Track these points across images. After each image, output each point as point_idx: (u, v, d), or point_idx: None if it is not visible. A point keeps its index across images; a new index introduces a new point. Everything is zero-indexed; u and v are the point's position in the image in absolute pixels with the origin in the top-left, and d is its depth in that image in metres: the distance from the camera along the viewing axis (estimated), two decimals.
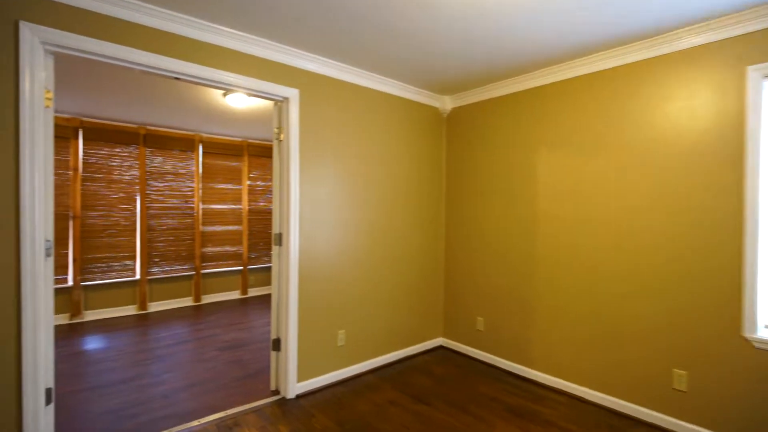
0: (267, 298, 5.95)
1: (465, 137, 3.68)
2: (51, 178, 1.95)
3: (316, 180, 2.88)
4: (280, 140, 2.80)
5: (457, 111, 3.77)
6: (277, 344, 2.83)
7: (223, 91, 4.06)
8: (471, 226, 3.61)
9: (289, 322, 2.73)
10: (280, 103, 2.78)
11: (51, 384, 1.96)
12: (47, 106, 1.91)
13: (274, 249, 2.84)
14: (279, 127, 2.80)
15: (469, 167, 3.63)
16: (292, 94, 2.71)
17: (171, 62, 2.19)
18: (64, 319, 4.53)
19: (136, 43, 2.08)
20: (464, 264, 3.68)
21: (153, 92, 4.04)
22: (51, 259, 1.97)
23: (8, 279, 1.75)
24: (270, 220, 6.25)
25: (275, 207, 2.84)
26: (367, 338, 3.25)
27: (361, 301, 3.19)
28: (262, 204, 6.16)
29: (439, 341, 3.84)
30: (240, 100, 4.18)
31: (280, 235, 2.82)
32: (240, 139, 5.90)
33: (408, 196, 3.53)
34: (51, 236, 1.96)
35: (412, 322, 3.60)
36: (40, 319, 1.84)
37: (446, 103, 3.79)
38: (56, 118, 4.45)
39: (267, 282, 6.26)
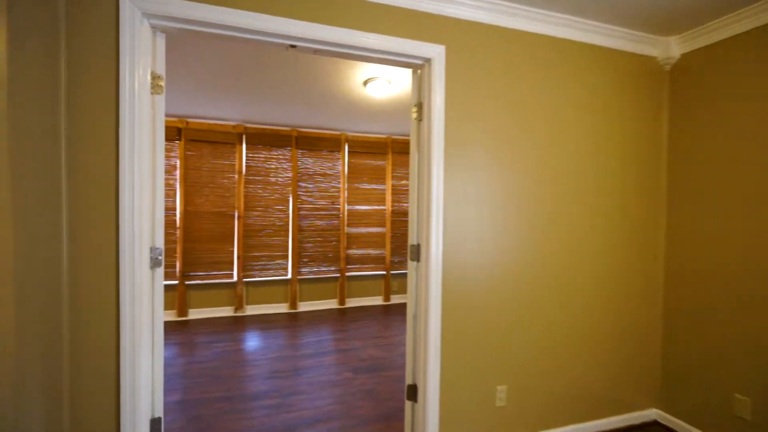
0: None
1: (708, 100, 2.29)
2: (161, 177, 1.68)
3: (466, 174, 2.07)
4: (420, 121, 2.10)
5: (691, 58, 2.39)
6: (412, 392, 2.13)
7: (363, 81, 3.64)
8: (721, 244, 2.21)
9: (428, 366, 2.01)
10: (420, 70, 2.07)
11: (159, 412, 1.71)
12: (156, 93, 1.64)
13: (410, 265, 2.16)
14: (418, 104, 2.10)
15: (718, 152, 2.23)
16: (436, 53, 1.96)
17: (282, 24, 1.71)
18: (229, 312, 4.92)
19: (238, 3, 1.67)
20: (702, 300, 2.29)
21: (302, 91, 3.92)
22: (160, 270, 1.71)
23: (106, 293, 1.52)
24: None
25: (412, 210, 2.16)
26: (539, 400, 2.26)
27: (529, 345, 2.23)
28: (406, 205, 5.68)
29: (650, 414, 2.53)
30: (380, 89, 3.69)
31: (417, 248, 2.12)
32: (384, 136, 5.55)
33: (601, 195, 2.37)
34: (161, 243, 1.70)
35: (605, 383, 2.42)
36: (142, 339, 1.58)
37: (670, 48, 2.45)
38: (224, 126, 4.85)
39: None
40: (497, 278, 2.13)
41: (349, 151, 5.39)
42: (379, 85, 3.65)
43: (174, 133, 4.62)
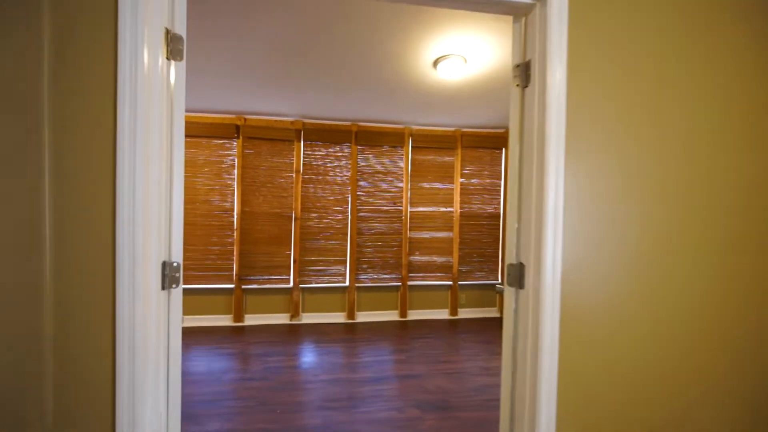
0: (479, 323, 4.75)
1: None
2: (180, 174, 1.28)
3: (599, 164, 1.42)
4: (524, 87, 1.49)
5: None
6: None
7: (433, 60, 3.09)
8: None
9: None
10: (527, 16, 1.47)
11: None
12: (174, 59, 1.24)
13: (508, 292, 1.55)
14: (522, 65, 1.48)
15: None
16: None
17: None
18: (285, 319, 4.63)
19: None
20: None
21: (363, 78, 3.48)
22: (177, 292, 1.31)
23: (101, 317, 1.13)
24: (487, 226, 5.03)
25: (511, 218, 1.55)
26: None
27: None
28: (476, 207, 5.01)
29: None
30: (453, 69, 3.11)
31: (519, 269, 1.51)
32: (452, 129, 4.93)
33: None
34: (179, 257, 1.30)
35: None
36: (146, 380, 1.17)
37: None
38: (282, 123, 4.57)
39: (480, 302, 5.07)
40: (655, 331, 1.45)
41: (413, 147, 4.86)
42: (452, 64, 3.07)
43: (232, 130, 4.43)
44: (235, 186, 4.49)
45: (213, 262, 4.47)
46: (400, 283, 4.84)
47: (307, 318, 4.68)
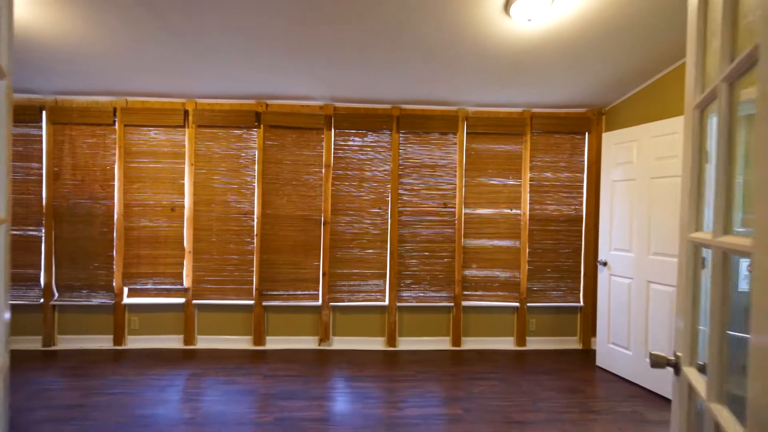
0: (555, 358, 3.67)
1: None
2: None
3: None
4: None
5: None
6: None
7: (504, 2, 2.16)
8: None
9: None
10: None
11: None
12: None
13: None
14: None
15: None
16: None
17: None
18: (313, 343, 3.86)
19: None
20: None
21: (406, 48, 2.63)
22: None
23: None
24: (565, 232, 3.94)
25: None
26: None
27: None
28: (551, 208, 3.94)
29: None
30: (533, 10, 2.16)
31: None
32: (519, 110, 3.91)
33: None
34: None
35: None
36: None
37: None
38: (309, 107, 3.81)
39: (554, 330, 3.98)
40: None
41: (468, 133, 3.90)
42: (531, 3, 2.11)
43: (251, 118, 3.75)
44: (256, 184, 3.80)
45: (230, 273, 3.81)
46: (452, 303, 3.89)
47: (339, 343, 3.87)
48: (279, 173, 3.82)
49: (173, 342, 3.80)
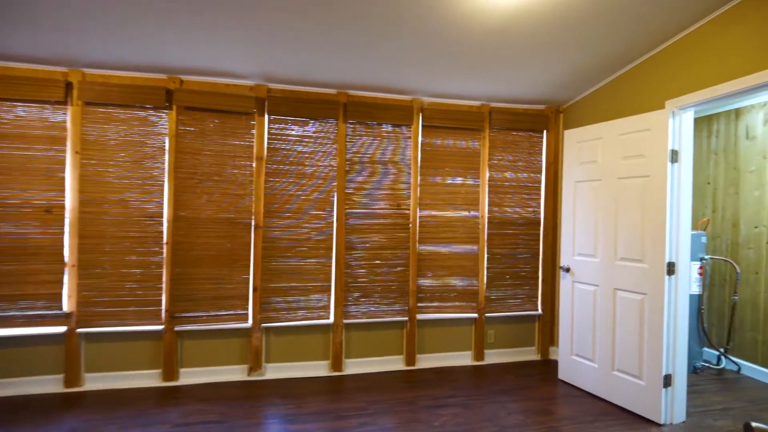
0: (516, 372, 3.39)
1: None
2: None
3: None
4: None
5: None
6: None
7: None
8: None
9: None
10: None
11: None
12: None
13: None
14: None
15: None
16: None
17: None
18: (241, 374, 3.18)
19: None
20: None
21: (355, 18, 2.12)
22: None
23: None
24: (524, 236, 3.69)
25: None
26: None
27: None
28: (510, 210, 3.67)
29: None
30: None
31: None
32: (477, 103, 3.59)
33: None
34: None
35: None
36: None
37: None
38: (236, 87, 3.14)
39: (512, 341, 3.72)
40: None
41: (423, 126, 3.49)
42: None
43: (160, 97, 2.98)
44: (166, 179, 3.04)
45: (131, 292, 3.00)
46: (406, 317, 3.45)
47: (273, 371, 3.24)
48: (197, 166, 3.10)
49: (50, 384, 2.90)
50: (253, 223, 3.18)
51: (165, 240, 3.03)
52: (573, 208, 3.19)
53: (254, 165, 3.17)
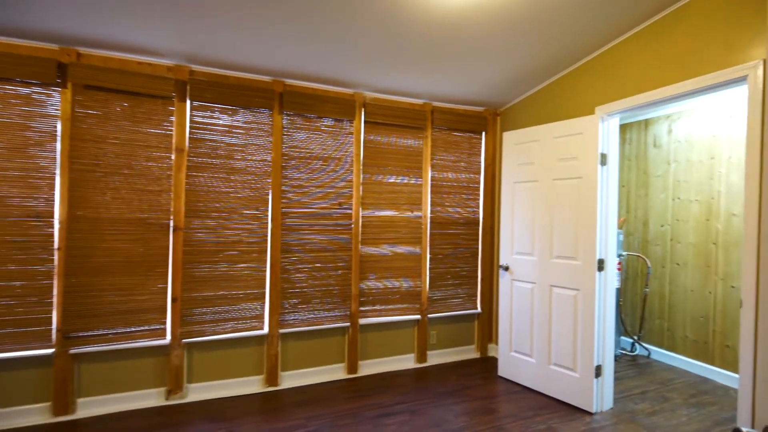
0: (458, 372, 3.39)
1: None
2: None
3: None
4: None
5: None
6: None
7: None
8: None
9: None
10: None
11: None
12: None
13: None
14: None
15: None
16: None
17: None
18: (157, 399, 2.74)
19: None
20: None
21: (299, 7, 1.89)
22: None
23: None
24: (464, 236, 3.72)
25: None
26: None
27: None
28: (451, 210, 3.67)
29: None
30: None
31: None
32: (420, 102, 3.53)
33: None
34: None
35: None
36: None
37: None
38: (151, 66, 2.71)
39: (454, 340, 3.73)
40: None
41: (366, 122, 3.34)
42: None
43: (50, 71, 2.45)
44: (58, 171, 2.51)
45: (10, 310, 2.43)
46: (348, 323, 3.27)
47: (197, 392, 2.85)
48: (100, 157, 2.61)
49: None
50: (172, 224, 2.76)
51: (57, 245, 2.50)
52: (512, 208, 3.26)
53: (173, 157, 2.76)
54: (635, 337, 3.92)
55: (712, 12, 2.14)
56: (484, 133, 3.80)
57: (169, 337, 2.75)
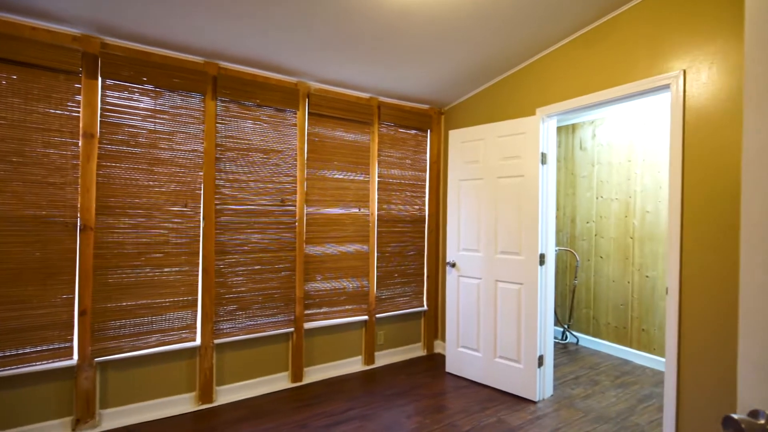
0: (406, 371, 3.35)
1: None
2: None
3: None
4: None
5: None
6: None
7: None
8: None
9: None
10: None
11: None
12: None
13: None
14: None
15: None
16: None
17: None
18: (64, 430, 2.30)
19: None
20: None
21: None
22: None
23: None
24: (410, 234, 3.69)
25: None
26: None
27: None
28: (397, 208, 3.62)
29: None
30: None
31: None
32: (366, 95, 3.43)
33: None
34: None
35: None
36: None
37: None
38: (51, 34, 2.26)
39: (401, 339, 3.69)
40: None
41: (310, 114, 3.15)
42: None
43: None
44: None
45: None
46: (291, 328, 3.05)
47: (114, 418, 2.44)
48: None
49: None
50: (78, 222, 2.33)
51: None
52: (458, 205, 3.30)
53: (81, 144, 2.33)
54: (565, 326, 4.22)
55: (640, 24, 2.33)
56: (429, 131, 3.81)
57: (76, 357, 2.32)
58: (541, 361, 2.83)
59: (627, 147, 3.87)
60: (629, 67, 2.37)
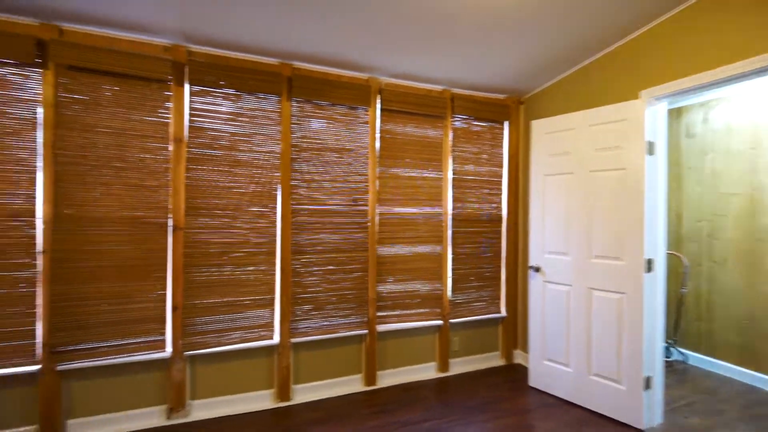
0: (484, 381, 3.12)
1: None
2: None
3: None
4: None
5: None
6: None
7: None
8: None
9: None
10: None
11: None
12: None
13: None
14: None
15: None
16: None
17: None
18: (159, 418, 2.45)
19: None
20: None
21: None
22: None
23: None
24: (487, 234, 3.44)
25: None
26: None
27: None
28: (473, 206, 3.39)
29: None
30: None
31: None
32: (439, 88, 3.24)
33: None
34: None
35: None
36: None
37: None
38: (145, 46, 2.40)
39: (477, 347, 3.45)
40: None
41: (382, 110, 3.05)
42: None
43: (28, 49, 2.15)
44: (39, 164, 2.20)
45: None
46: (365, 330, 2.99)
47: (201, 409, 2.56)
48: (88, 148, 2.30)
49: None
50: (170, 223, 2.47)
51: (40, 247, 2.20)
52: (542, 202, 2.99)
53: (171, 148, 2.46)
54: (670, 341, 3.66)
55: None
56: (506, 123, 3.52)
57: (169, 349, 2.46)
58: (648, 382, 2.44)
59: (751, 132, 3.24)
60: (765, 35, 1.92)
